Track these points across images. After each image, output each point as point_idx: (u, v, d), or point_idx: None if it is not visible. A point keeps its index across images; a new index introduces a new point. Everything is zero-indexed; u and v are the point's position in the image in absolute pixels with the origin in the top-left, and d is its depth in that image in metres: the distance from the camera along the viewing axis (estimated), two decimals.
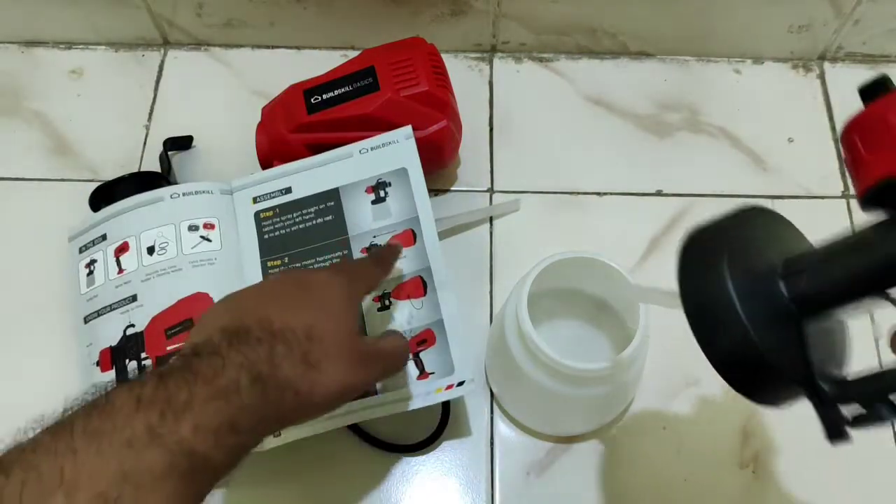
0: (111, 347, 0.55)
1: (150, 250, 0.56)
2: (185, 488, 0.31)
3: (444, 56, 0.62)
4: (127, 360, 0.54)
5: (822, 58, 0.72)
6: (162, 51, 0.72)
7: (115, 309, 0.56)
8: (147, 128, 0.68)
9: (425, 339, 0.53)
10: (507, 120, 0.68)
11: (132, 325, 0.55)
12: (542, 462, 0.55)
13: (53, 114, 0.69)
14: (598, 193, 0.65)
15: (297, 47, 0.72)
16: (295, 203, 0.58)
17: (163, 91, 0.70)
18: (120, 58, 0.72)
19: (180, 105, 0.70)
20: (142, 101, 0.70)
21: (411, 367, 0.53)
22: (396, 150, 0.57)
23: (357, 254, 0.56)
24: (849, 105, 0.32)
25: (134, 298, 0.55)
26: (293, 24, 0.70)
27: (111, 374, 0.54)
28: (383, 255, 0.49)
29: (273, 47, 0.72)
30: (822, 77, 0.71)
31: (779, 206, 0.64)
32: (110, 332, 0.55)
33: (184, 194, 0.58)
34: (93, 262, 0.58)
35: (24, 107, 0.69)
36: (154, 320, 0.54)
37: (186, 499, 0.32)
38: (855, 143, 0.32)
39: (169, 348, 0.53)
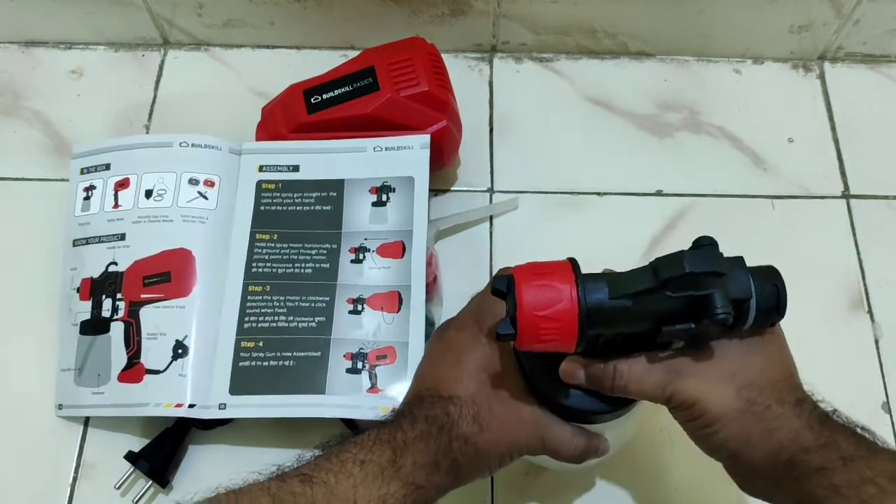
0: (92, 279, 0.56)
1: (148, 194, 0.58)
2: None
3: (444, 56, 0.62)
4: (104, 296, 0.55)
5: (822, 58, 0.72)
6: (162, 51, 0.72)
7: (103, 242, 0.57)
8: (147, 128, 0.68)
9: (386, 354, 0.53)
10: (507, 120, 0.68)
11: (115, 263, 0.56)
12: None
13: (53, 114, 0.69)
14: (599, 193, 0.65)
15: (297, 47, 0.72)
16: (299, 183, 0.58)
17: (163, 91, 0.70)
18: (120, 58, 0.72)
19: (180, 105, 0.70)
20: (142, 101, 0.70)
21: (364, 379, 0.53)
22: (409, 156, 0.58)
23: (345, 251, 0.56)
24: (849, 105, 0.32)
25: (122, 237, 0.57)
26: (293, 24, 0.70)
27: (88, 305, 0.55)
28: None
29: (273, 47, 0.72)
30: (822, 77, 0.71)
31: (779, 206, 0.64)
32: (94, 263, 0.56)
33: (192, 145, 0.59)
34: (92, 187, 0.59)
35: (24, 107, 0.69)
36: (136, 264, 0.56)
37: None
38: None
39: (143, 296, 0.55)
